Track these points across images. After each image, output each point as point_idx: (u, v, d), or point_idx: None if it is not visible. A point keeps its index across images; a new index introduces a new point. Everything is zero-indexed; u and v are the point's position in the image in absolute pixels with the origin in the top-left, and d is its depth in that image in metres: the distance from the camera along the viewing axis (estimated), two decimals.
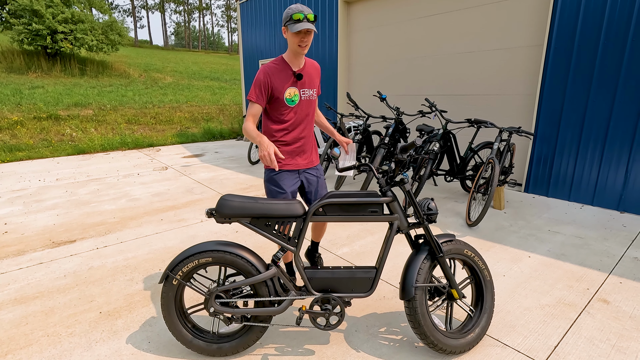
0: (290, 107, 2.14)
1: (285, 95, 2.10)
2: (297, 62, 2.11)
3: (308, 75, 2.17)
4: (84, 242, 3.37)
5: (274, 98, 2.09)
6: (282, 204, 1.81)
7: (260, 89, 2.05)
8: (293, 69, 2.10)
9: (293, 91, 2.11)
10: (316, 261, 2.75)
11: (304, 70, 2.15)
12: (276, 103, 2.11)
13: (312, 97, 2.22)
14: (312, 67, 2.22)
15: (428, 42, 5.80)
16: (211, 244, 1.83)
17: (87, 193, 4.95)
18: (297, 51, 2.03)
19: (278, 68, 2.08)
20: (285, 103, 2.11)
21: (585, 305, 2.33)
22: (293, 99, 2.12)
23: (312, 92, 2.21)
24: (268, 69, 2.06)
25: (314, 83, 2.22)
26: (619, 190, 4.09)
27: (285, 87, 2.08)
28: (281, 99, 2.10)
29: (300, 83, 2.13)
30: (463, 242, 1.96)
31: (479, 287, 2.02)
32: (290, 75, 2.10)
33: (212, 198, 4.70)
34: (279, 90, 2.07)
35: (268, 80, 2.04)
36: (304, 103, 2.17)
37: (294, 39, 1.99)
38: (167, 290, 1.81)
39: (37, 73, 15.70)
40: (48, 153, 7.77)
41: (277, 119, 2.15)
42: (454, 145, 4.42)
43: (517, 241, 3.33)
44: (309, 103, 2.20)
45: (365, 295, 1.86)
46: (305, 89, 2.16)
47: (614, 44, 3.91)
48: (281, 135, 2.18)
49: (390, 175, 1.86)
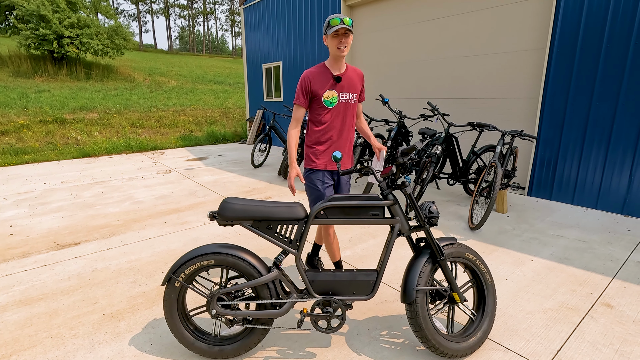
0: (328, 109, 2.23)
1: (324, 97, 2.20)
2: (337, 66, 2.21)
3: (348, 79, 2.25)
4: (88, 244, 3.39)
5: (314, 99, 2.22)
6: (283, 206, 1.82)
7: (302, 92, 2.20)
8: (333, 73, 2.20)
9: (332, 93, 2.20)
10: (316, 264, 2.76)
11: (345, 74, 2.24)
12: (315, 104, 2.23)
13: (352, 101, 2.29)
14: (354, 72, 2.30)
15: (431, 45, 5.81)
16: (213, 246, 1.84)
17: (92, 196, 4.99)
18: (337, 54, 2.12)
19: (318, 72, 2.20)
20: (323, 104, 2.21)
21: (589, 309, 2.32)
22: (331, 101, 2.21)
23: (352, 96, 2.28)
24: (309, 73, 2.20)
25: (355, 87, 2.28)
26: (623, 193, 4.07)
27: (324, 89, 2.19)
28: (320, 100, 2.21)
29: (339, 86, 2.22)
30: (464, 245, 1.96)
31: (480, 290, 2.01)
32: (329, 78, 2.20)
33: (215, 201, 4.73)
34: (318, 92, 2.19)
35: (308, 83, 2.18)
36: (342, 106, 2.25)
37: (333, 42, 2.09)
38: (170, 292, 1.83)
39: (44, 77, 15.89)
40: (53, 156, 7.85)
41: (315, 119, 2.27)
42: (456, 149, 4.42)
43: (520, 245, 3.31)
44: (347, 106, 2.27)
45: (367, 298, 1.86)
46: (345, 92, 2.24)
47: (617, 47, 3.91)
48: (318, 136, 2.28)
49: (391, 179, 1.87)
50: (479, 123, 3.98)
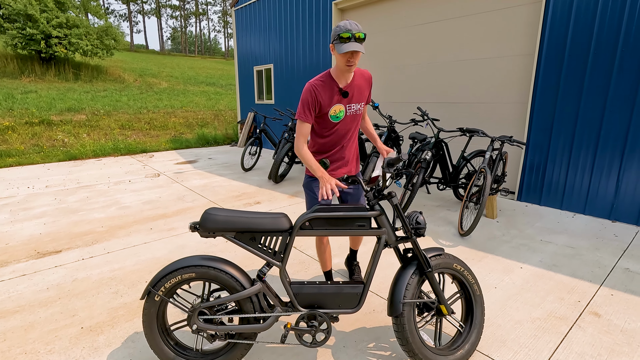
0: (335, 123, 2.13)
1: (330, 113, 2.08)
2: (344, 77, 2.06)
3: (356, 88, 2.12)
4: (70, 252, 3.30)
5: (321, 114, 2.09)
6: (267, 218, 1.77)
7: (308, 108, 2.04)
8: (339, 86, 2.07)
9: (339, 108, 2.09)
10: (353, 269, 2.76)
11: (352, 84, 2.10)
12: (321, 119, 2.11)
13: (359, 112, 2.19)
14: (362, 78, 2.16)
15: (421, 49, 5.82)
16: (195, 258, 1.78)
17: (77, 201, 4.88)
18: (345, 70, 1.99)
19: (324, 85, 2.05)
20: (329, 119, 2.10)
21: (577, 318, 2.30)
22: (338, 116, 2.11)
23: (360, 105, 2.18)
24: (314, 87, 2.03)
25: (362, 96, 2.17)
26: (611, 199, 4.10)
27: (331, 104, 2.06)
28: (326, 116, 2.09)
29: (346, 100, 2.10)
30: (452, 255, 1.93)
31: (468, 301, 1.99)
32: (336, 92, 2.06)
33: (203, 206, 4.65)
34: (325, 107, 2.06)
35: (315, 98, 2.03)
36: (348, 118, 2.15)
37: (342, 59, 1.93)
38: (149, 306, 1.76)
39: (31, 77, 15.60)
40: (39, 159, 7.68)
41: (320, 132, 2.17)
42: (446, 154, 4.41)
43: (509, 251, 3.30)
44: (354, 117, 2.18)
45: (353, 311, 1.82)
46: (353, 104, 2.13)
47: (604, 54, 3.94)
48: (322, 145, 2.19)
49: (378, 189, 1.83)
50: (469, 129, 3.97)
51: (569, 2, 4.12)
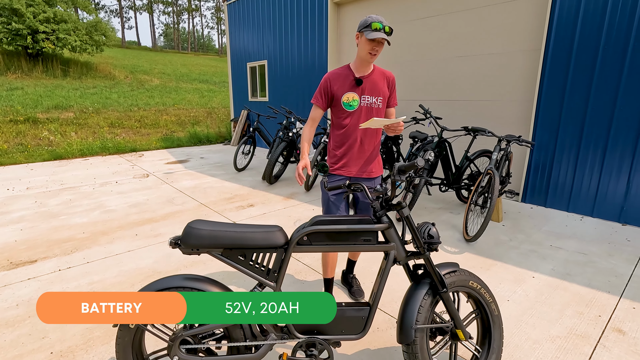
0: (348, 112, 2.12)
1: (343, 99, 2.10)
2: (363, 69, 2.09)
3: (372, 82, 2.11)
4: (46, 262, 3.04)
5: (335, 101, 2.13)
6: (259, 232, 1.54)
7: (320, 93, 2.13)
8: (356, 75, 2.09)
9: (352, 96, 2.09)
10: (351, 282, 2.57)
11: (369, 77, 2.11)
12: (336, 107, 2.15)
13: (376, 105, 2.14)
14: (381, 75, 2.16)
15: (421, 45, 5.60)
16: (176, 279, 1.55)
17: (58, 204, 4.59)
18: (366, 58, 2.02)
19: (341, 74, 2.11)
20: (342, 107, 2.11)
21: (599, 336, 2.11)
22: (351, 104, 2.10)
23: (376, 99, 2.13)
24: (331, 74, 2.12)
25: (379, 91, 2.13)
26: (620, 201, 3.92)
27: (343, 91, 2.09)
28: (339, 103, 2.11)
29: (360, 89, 2.09)
30: (468, 271, 1.72)
31: (485, 322, 1.78)
32: (351, 80, 2.09)
33: (193, 209, 4.40)
34: (338, 94, 2.10)
35: (328, 84, 2.10)
36: (364, 110, 2.12)
37: (366, 46, 1.97)
38: (123, 335, 1.53)
39: (17, 74, 15.15)
40: (22, 159, 7.35)
41: (336, 122, 2.19)
42: (449, 154, 4.21)
43: (518, 258, 3.11)
44: (370, 111, 2.13)
45: (357, 337, 1.60)
46: (367, 96, 2.11)
47: (615, 48, 3.75)
48: (339, 140, 2.18)
49: (385, 197, 1.61)
50: (474, 128, 3.77)
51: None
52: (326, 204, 2.22)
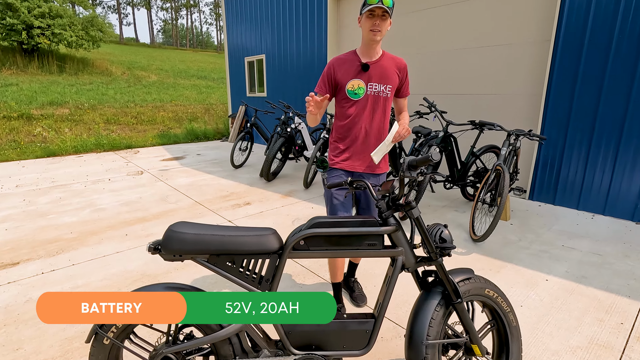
0: (353, 101, 1.93)
1: (348, 87, 1.91)
2: (369, 53, 1.90)
3: (380, 68, 1.91)
4: (29, 264, 2.86)
5: (339, 89, 1.95)
6: (251, 235, 1.36)
7: (323, 81, 1.95)
8: (362, 60, 1.90)
9: (357, 83, 1.90)
10: (352, 287, 2.38)
11: (377, 62, 1.91)
12: (340, 95, 1.96)
13: (384, 94, 1.94)
14: (391, 61, 1.95)
15: (425, 37, 5.40)
16: (158, 287, 1.38)
17: (47, 202, 4.42)
18: (369, 38, 1.82)
19: (346, 59, 1.93)
20: (347, 95, 1.93)
21: (624, 347, 1.94)
22: (356, 92, 1.92)
23: (384, 88, 1.93)
24: (335, 60, 1.94)
25: (388, 79, 1.93)
26: (634, 198, 3.75)
27: (348, 78, 1.91)
28: (343, 91, 1.93)
29: (366, 75, 1.90)
30: (483, 278, 1.54)
31: (502, 334, 1.61)
32: (357, 66, 1.90)
33: (187, 208, 4.22)
34: (342, 81, 1.92)
35: (332, 70, 1.92)
36: (370, 98, 1.93)
37: (367, 24, 1.80)
38: (97, 352, 1.35)
39: (12, 70, 14.91)
40: (14, 155, 7.17)
41: (339, 112, 1.99)
42: (454, 150, 4.03)
43: (529, 260, 2.94)
44: (377, 99, 1.94)
45: (361, 353, 1.42)
46: (374, 83, 1.91)
47: (630, 38, 3.56)
48: (342, 131, 1.99)
49: (393, 197, 1.43)
50: (482, 122, 3.59)
51: None
52: (330, 203, 2.01)
